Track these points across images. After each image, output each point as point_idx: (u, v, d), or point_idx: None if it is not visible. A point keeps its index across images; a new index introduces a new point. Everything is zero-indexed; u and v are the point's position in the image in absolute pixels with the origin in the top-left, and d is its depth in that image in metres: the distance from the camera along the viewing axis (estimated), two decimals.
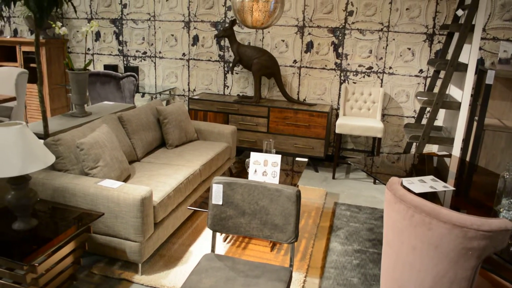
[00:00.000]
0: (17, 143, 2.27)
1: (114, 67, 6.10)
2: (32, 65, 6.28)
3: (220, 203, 2.14)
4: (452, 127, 4.48)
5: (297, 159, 3.99)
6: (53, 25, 3.73)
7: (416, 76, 5.08)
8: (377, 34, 5.10)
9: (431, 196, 2.54)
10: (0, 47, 6.46)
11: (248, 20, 2.92)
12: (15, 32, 6.75)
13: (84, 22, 6.27)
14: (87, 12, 6.22)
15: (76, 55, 6.46)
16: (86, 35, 3.90)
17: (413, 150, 5.14)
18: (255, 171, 3.04)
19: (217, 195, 2.12)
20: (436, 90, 4.86)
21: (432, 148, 5.14)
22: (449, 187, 2.68)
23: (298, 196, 2.06)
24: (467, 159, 3.79)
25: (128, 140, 3.76)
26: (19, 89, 5.00)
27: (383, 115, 5.28)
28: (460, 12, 4.48)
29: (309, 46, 5.34)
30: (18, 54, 6.25)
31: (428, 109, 4.99)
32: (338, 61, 5.28)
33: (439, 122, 5.07)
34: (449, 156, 3.60)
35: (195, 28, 5.74)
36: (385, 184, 2.52)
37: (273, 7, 2.90)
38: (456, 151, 4.10)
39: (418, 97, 4.66)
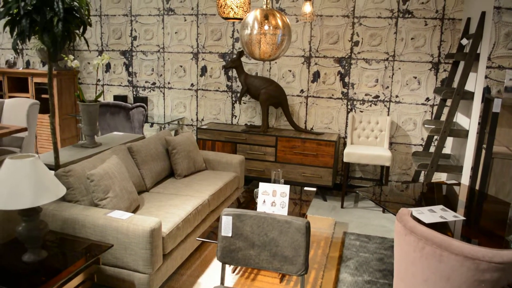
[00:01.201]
0: (30, 175, 2.30)
1: (124, 98, 6.19)
2: (43, 95, 6.40)
3: (230, 235, 2.14)
4: (460, 155, 4.47)
5: (306, 188, 3.99)
6: (66, 58, 3.83)
7: (423, 104, 5.11)
8: (383, 63, 5.16)
9: (441, 227, 2.52)
10: (13, 79, 6.61)
11: (256, 52, 2.97)
12: (28, 64, 6.91)
13: (95, 54, 6.42)
14: (98, 44, 6.37)
15: (86, 85, 6.58)
16: (98, 68, 3.99)
17: (421, 178, 5.12)
18: (264, 201, 3.04)
19: (226, 227, 2.13)
20: (443, 118, 4.87)
21: (441, 176, 5.11)
22: (459, 216, 2.66)
23: (308, 227, 2.06)
24: (477, 187, 3.77)
25: (137, 171, 3.79)
26: (30, 120, 5.09)
27: (390, 143, 5.28)
28: (464, 41, 4.54)
29: (316, 75, 5.41)
30: (30, 85, 6.38)
31: (435, 137, 4.99)
32: (345, 90, 5.33)
33: (447, 149, 5.06)
34: (458, 184, 3.58)
35: (203, 59, 5.85)
36: (394, 214, 2.51)
37: (281, 40, 2.95)
38: (465, 179, 4.08)
39: (426, 125, 4.68)
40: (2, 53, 7.02)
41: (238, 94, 5.70)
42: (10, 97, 6.42)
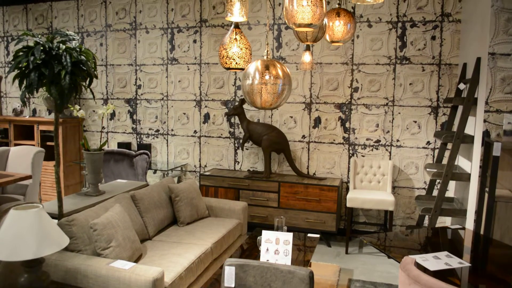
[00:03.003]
0: (33, 226, 2.32)
1: (128, 145, 6.27)
2: (48, 143, 6.49)
3: (233, 286, 2.12)
4: (463, 198, 4.46)
5: (309, 235, 3.96)
6: (71, 108, 3.92)
7: (424, 148, 5.15)
8: (382, 108, 5.24)
9: (447, 274, 2.49)
10: (19, 126, 6.72)
11: (257, 101, 3.04)
12: (34, 112, 7.05)
13: (100, 102, 6.55)
14: (103, 92, 6.51)
15: (91, 133, 6.68)
16: (103, 117, 4.07)
17: (426, 222, 5.08)
18: (267, 249, 3.02)
19: (229, 278, 2.12)
20: (444, 161, 4.90)
21: (445, 220, 5.07)
22: (465, 263, 2.63)
23: (311, 277, 2.05)
24: (481, 232, 3.74)
25: (140, 219, 3.79)
26: (35, 168, 5.13)
27: (393, 188, 5.28)
28: (462, 86, 4.63)
29: (317, 121, 5.48)
30: (35, 132, 6.48)
31: (438, 180, 5.00)
32: (346, 135, 5.39)
33: (450, 193, 5.06)
34: (463, 229, 3.55)
35: (206, 106, 5.96)
36: (399, 262, 2.49)
37: (281, 89, 3.02)
38: (470, 223, 4.05)
39: (428, 169, 4.69)
40: (10, 102, 7.17)
41: (241, 141, 5.77)
42: (15, 144, 6.50)
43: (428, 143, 5.13)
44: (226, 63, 3.31)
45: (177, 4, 5.99)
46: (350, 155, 5.41)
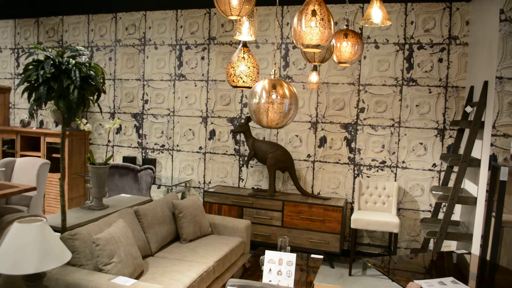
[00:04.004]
0: (36, 240, 2.31)
1: (133, 159, 6.27)
2: (54, 155, 6.50)
3: None
4: (469, 222, 4.41)
5: (312, 255, 3.92)
6: (79, 122, 3.94)
7: (430, 170, 5.12)
8: (388, 129, 5.23)
9: None
10: (26, 137, 6.76)
11: (263, 120, 3.04)
12: (41, 123, 7.09)
13: (107, 116, 6.59)
14: (110, 106, 6.55)
15: (97, 146, 6.70)
16: (109, 131, 4.09)
17: (431, 245, 5.02)
18: (270, 270, 2.99)
19: None
20: (450, 184, 4.86)
21: (450, 244, 5.01)
22: None
23: None
24: (488, 257, 3.68)
25: (143, 235, 3.77)
26: (40, 179, 5.14)
27: (398, 209, 5.24)
28: (469, 109, 4.62)
29: (323, 141, 5.48)
30: (42, 144, 6.51)
31: (444, 203, 4.95)
32: (351, 155, 5.38)
33: (456, 216, 5.00)
34: (469, 254, 3.51)
35: (212, 123, 5.97)
36: (403, 286, 2.46)
37: (288, 109, 3.02)
38: (476, 248, 3.99)
39: (433, 192, 4.65)
40: (17, 113, 7.23)
41: (246, 158, 5.76)
42: (21, 155, 6.53)
43: (434, 165, 5.10)
44: (233, 81, 3.33)
45: (186, 21, 6.05)
46: (355, 175, 5.38)
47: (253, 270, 3.47)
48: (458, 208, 5.00)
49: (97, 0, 6.11)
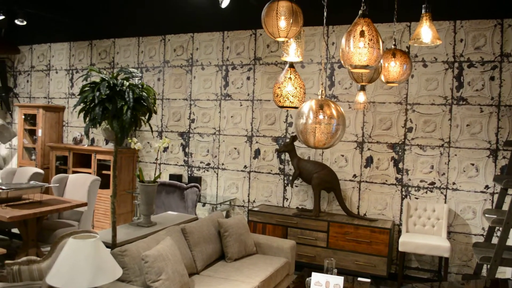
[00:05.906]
0: (90, 255, 2.39)
1: (179, 177, 6.40)
2: (104, 171, 6.73)
3: None
4: None
5: (359, 279, 3.83)
6: (129, 140, 4.08)
7: (482, 192, 4.92)
8: (438, 149, 5.09)
9: None
10: (78, 155, 7.05)
11: (310, 141, 3.03)
12: (92, 141, 7.38)
13: (155, 134, 6.77)
14: (158, 125, 6.74)
15: (145, 164, 6.89)
16: (158, 150, 4.20)
17: (484, 271, 4.79)
18: None
19: None
20: (505, 207, 4.63)
21: (505, 270, 4.76)
22: None
23: None
24: None
25: (189, 252, 3.81)
26: (90, 195, 5.34)
27: (448, 233, 5.04)
28: None
29: (369, 161, 5.39)
30: (93, 161, 6.76)
31: (498, 227, 4.72)
32: (399, 176, 5.26)
33: (511, 241, 4.76)
34: None
35: (257, 142, 6.02)
36: None
37: (335, 129, 3.00)
38: None
39: (486, 215, 4.45)
40: (70, 131, 7.56)
41: (290, 177, 5.75)
42: (73, 171, 6.80)
43: (487, 187, 4.90)
44: (280, 101, 3.35)
45: (233, 42, 6.18)
46: (403, 196, 5.25)
47: None
48: None
49: (147, 23, 6.37)
